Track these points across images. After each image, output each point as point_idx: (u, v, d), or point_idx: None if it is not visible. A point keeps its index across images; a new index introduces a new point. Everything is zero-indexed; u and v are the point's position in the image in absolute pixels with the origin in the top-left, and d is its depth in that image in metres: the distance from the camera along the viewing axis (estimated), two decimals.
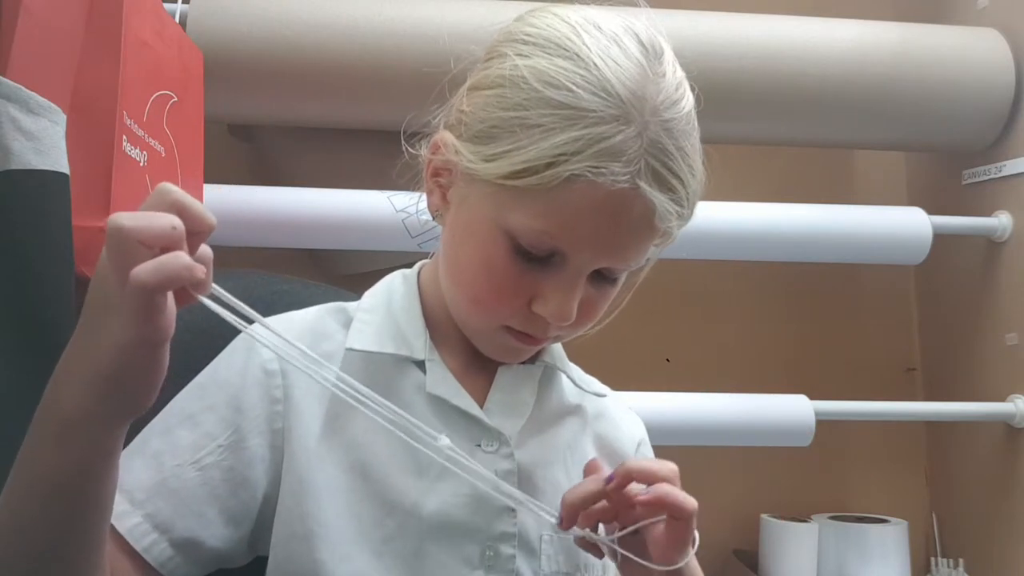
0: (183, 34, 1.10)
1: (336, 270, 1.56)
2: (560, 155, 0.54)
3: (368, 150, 1.43)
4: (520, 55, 0.57)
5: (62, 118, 0.73)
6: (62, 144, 0.73)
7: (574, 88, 0.54)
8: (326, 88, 1.37)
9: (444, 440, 0.52)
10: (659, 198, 0.55)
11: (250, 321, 0.50)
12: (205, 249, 0.48)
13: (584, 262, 0.58)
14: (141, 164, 0.92)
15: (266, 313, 0.68)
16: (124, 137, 0.87)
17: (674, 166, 0.56)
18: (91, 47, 0.85)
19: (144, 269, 0.43)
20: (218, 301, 0.48)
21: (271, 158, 1.58)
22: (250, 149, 1.60)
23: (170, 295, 0.46)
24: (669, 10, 1.46)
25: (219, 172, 1.22)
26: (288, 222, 1.34)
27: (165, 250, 0.44)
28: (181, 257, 0.44)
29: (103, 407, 0.46)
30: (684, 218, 0.59)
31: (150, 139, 0.94)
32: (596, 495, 0.57)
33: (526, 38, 0.58)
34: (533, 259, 0.58)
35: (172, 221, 0.44)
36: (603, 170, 0.53)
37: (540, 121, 0.54)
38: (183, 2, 1.33)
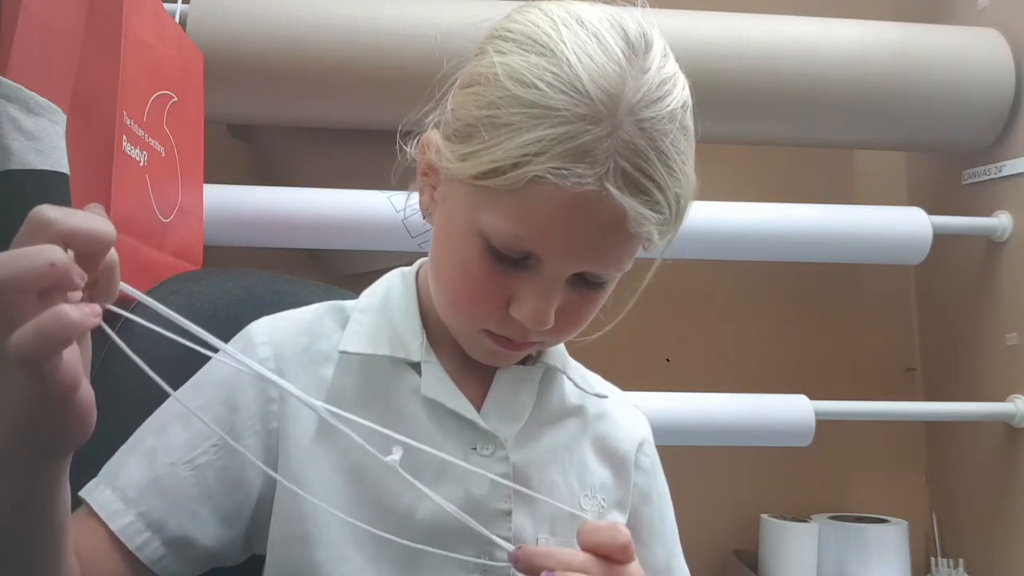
0: (183, 34, 1.10)
1: (336, 270, 1.56)
2: (524, 156, 0.52)
3: (368, 150, 1.43)
4: (498, 52, 0.56)
5: (62, 118, 0.73)
6: (62, 144, 0.73)
7: (542, 86, 0.52)
8: (326, 88, 1.37)
9: (395, 455, 0.50)
10: (629, 202, 0.52)
11: (204, 343, 0.46)
12: (110, 258, 0.43)
13: (558, 266, 0.56)
14: (141, 164, 0.92)
15: (266, 313, 0.68)
16: (124, 137, 0.87)
17: (648, 169, 0.53)
18: (91, 47, 0.85)
19: (22, 338, 0.38)
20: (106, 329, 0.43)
21: (271, 158, 1.58)
22: (250, 149, 1.60)
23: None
24: (670, 10, 1.46)
25: (219, 172, 1.23)
26: (288, 222, 1.34)
27: (57, 287, 0.39)
28: (63, 315, 0.38)
29: (27, 449, 0.44)
30: (666, 223, 0.55)
31: (150, 139, 0.94)
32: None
33: (507, 35, 0.57)
34: (509, 261, 0.56)
35: (50, 256, 0.38)
36: (565, 172, 0.51)
37: (509, 120, 0.53)
38: (183, 2, 1.33)
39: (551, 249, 0.55)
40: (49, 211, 0.40)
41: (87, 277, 0.41)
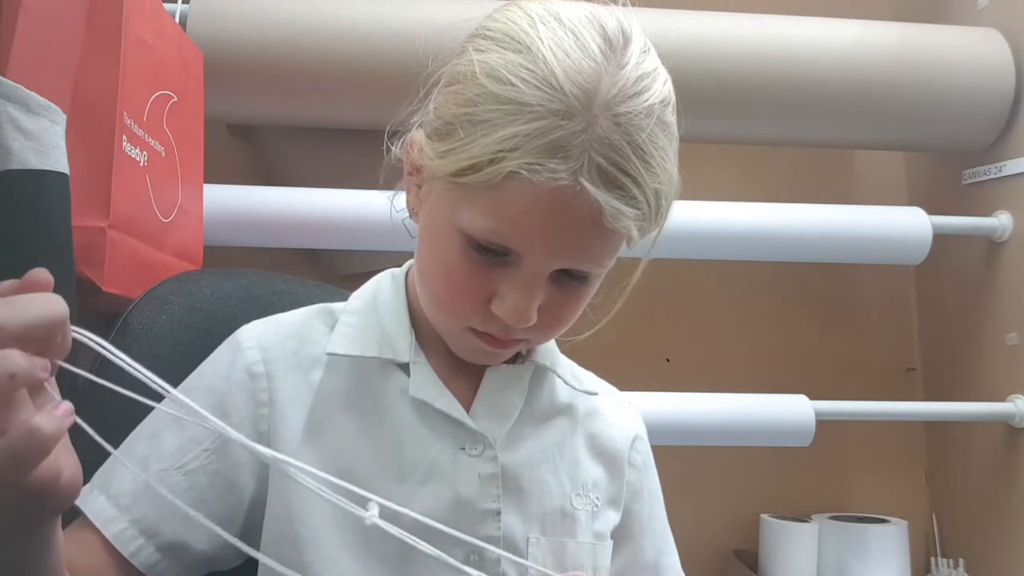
0: (183, 34, 1.10)
1: (336, 270, 1.56)
2: (499, 152, 0.52)
3: (368, 150, 1.43)
4: (477, 50, 0.56)
5: (62, 118, 0.73)
6: (62, 144, 0.73)
7: (518, 82, 0.52)
8: (326, 88, 1.37)
9: (373, 510, 0.46)
10: (604, 197, 0.52)
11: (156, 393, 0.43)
12: (63, 317, 0.41)
13: (538, 262, 0.55)
14: (141, 164, 0.92)
15: (265, 313, 0.68)
16: (124, 137, 0.88)
17: (624, 163, 0.52)
18: (91, 47, 0.85)
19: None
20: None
21: (271, 158, 1.58)
22: (250, 149, 1.60)
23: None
24: (670, 10, 1.46)
25: (219, 172, 1.23)
26: (288, 222, 1.34)
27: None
28: (36, 432, 0.38)
29: (13, 530, 0.44)
30: (645, 219, 0.55)
31: (150, 139, 0.94)
32: None
33: (486, 33, 0.57)
34: (490, 257, 0.56)
35: (7, 368, 0.38)
36: (538, 167, 0.51)
37: (486, 117, 0.53)
38: (183, 2, 1.33)
39: (529, 245, 0.55)
40: None
41: (50, 365, 0.40)
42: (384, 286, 0.68)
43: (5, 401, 0.38)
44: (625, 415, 0.73)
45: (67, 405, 0.41)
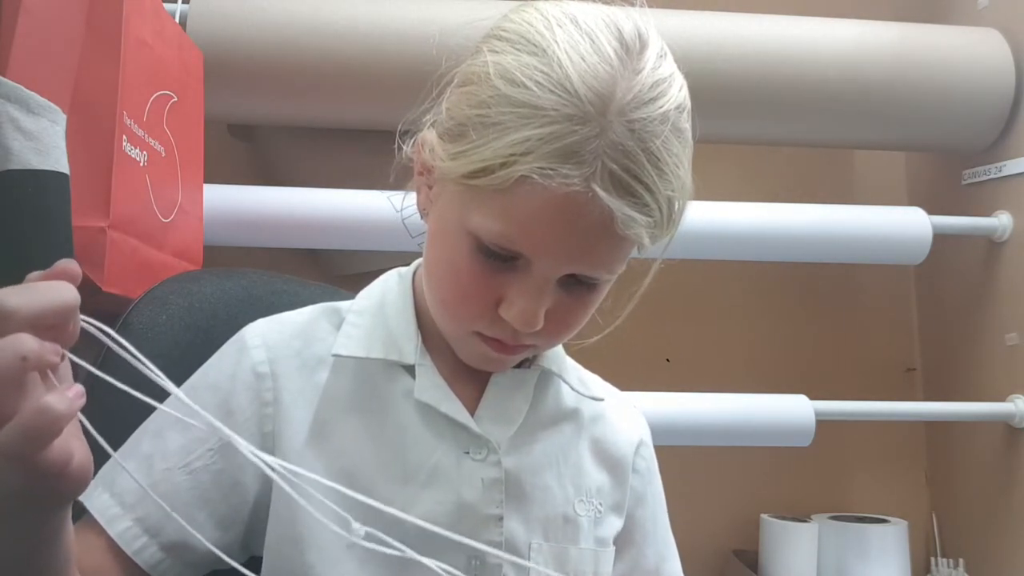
0: (183, 34, 1.10)
1: (336, 270, 1.56)
2: (512, 155, 0.51)
3: (368, 150, 1.44)
4: (492, 51, 0.55)
5: (62, 118, 0.73)
6: (62, 144, 0.73)
7: (532, 85, 0.52)
8: (326, 88, 1.37)
9: (356, 526, 0.46)
10: (616, 204, 0.51)
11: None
12: (73, 305, 0.41)
13: (547, 267, 0.55)
14: (141, 164, 0.92)
15: (265, 312, 0.68)
16: (124, 137, 0.88)
17: (637, 170, 0.52)
18: (91, 47, 0.85)
19: (9, 438, 0.38)
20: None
21: (271, 158, 1.58)
22: (250, 149, 1.60)
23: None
24: (671, 10, 1.46)
25: (219, 172, 1.23)
26: (288, 222, 1.34)
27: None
28: (48, 410, 0.38)
29: (23, 518, 0.44)
30: (657, 226, 0.54)
31: (150, 139, 0.94)
32: None
33: (502, 34, 0.56)
34: (498, 261, 0.55)
35: (19, 350, 0.37)
36: (551, 172, 0.51)
37: (499, 119, 0.52)
38: (183, 2, 1.33)
39: (539, 249, 0.54)
40: (9, 299, 0.39)
41: (61, 349, 0.40)
42: (391, 286, 0.68)
43: (17, 383, 0.38)
44: (630, 420, 0.73)
45: (79, 387, 0.41)
